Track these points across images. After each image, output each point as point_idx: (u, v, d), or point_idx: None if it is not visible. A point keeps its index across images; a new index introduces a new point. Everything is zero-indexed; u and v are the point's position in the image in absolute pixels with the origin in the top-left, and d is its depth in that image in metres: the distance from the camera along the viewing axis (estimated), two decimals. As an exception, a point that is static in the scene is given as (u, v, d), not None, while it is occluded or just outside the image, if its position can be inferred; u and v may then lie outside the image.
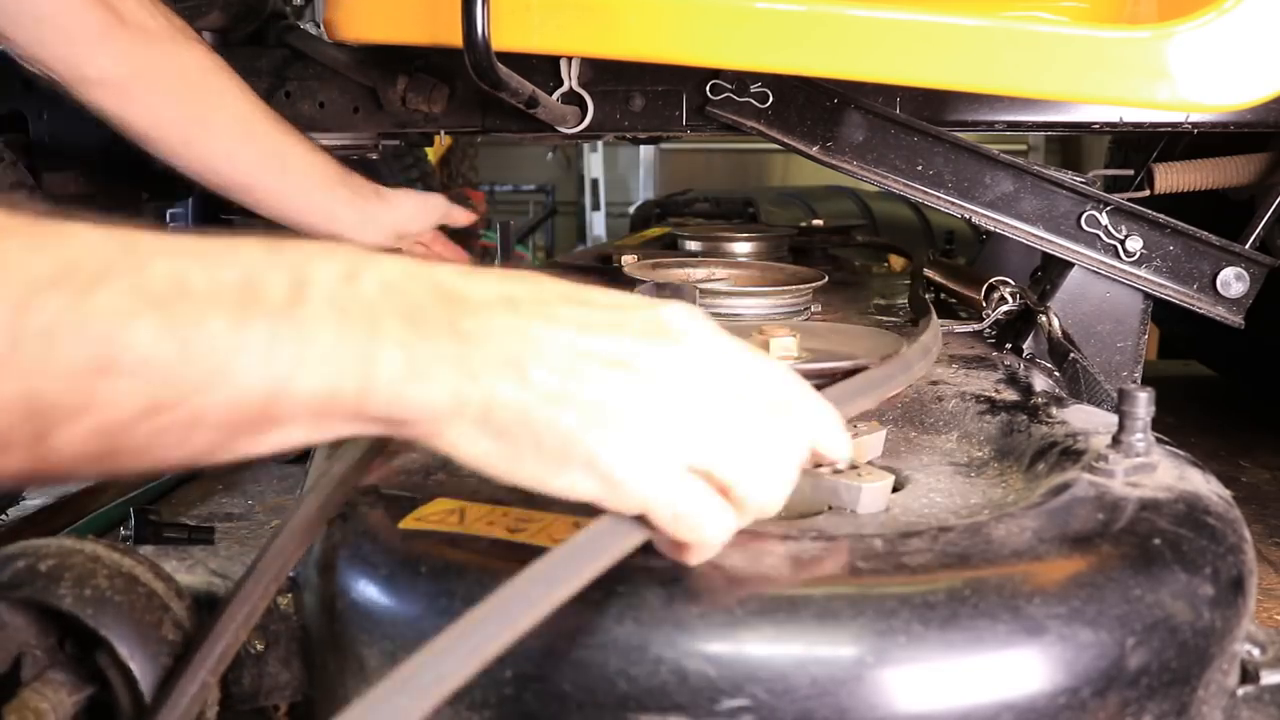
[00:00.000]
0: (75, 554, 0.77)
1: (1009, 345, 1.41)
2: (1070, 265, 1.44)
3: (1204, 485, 0.89)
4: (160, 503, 1.95)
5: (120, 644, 0.74)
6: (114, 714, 0.76)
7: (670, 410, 0.58)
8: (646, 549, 0.68)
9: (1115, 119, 1.49)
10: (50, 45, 1.14)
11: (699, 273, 1.56)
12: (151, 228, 0.52)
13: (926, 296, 1.84)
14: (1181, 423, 2.03)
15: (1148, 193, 1.61)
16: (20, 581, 0.75)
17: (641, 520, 0.62)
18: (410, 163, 2.96)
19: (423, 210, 1.45)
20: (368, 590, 0.77)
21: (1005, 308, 1.45)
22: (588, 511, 0.66)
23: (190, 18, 1.82)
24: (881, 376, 0.91)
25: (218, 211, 2.80)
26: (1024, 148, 4.67)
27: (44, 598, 0.75)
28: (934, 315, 1.26)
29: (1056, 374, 1.34)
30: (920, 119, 1.46)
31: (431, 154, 3.01)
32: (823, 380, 0.98)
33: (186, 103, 1.23)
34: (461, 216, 1.57)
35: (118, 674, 0.75)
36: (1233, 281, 1.44)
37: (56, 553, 0.77)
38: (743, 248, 1.93)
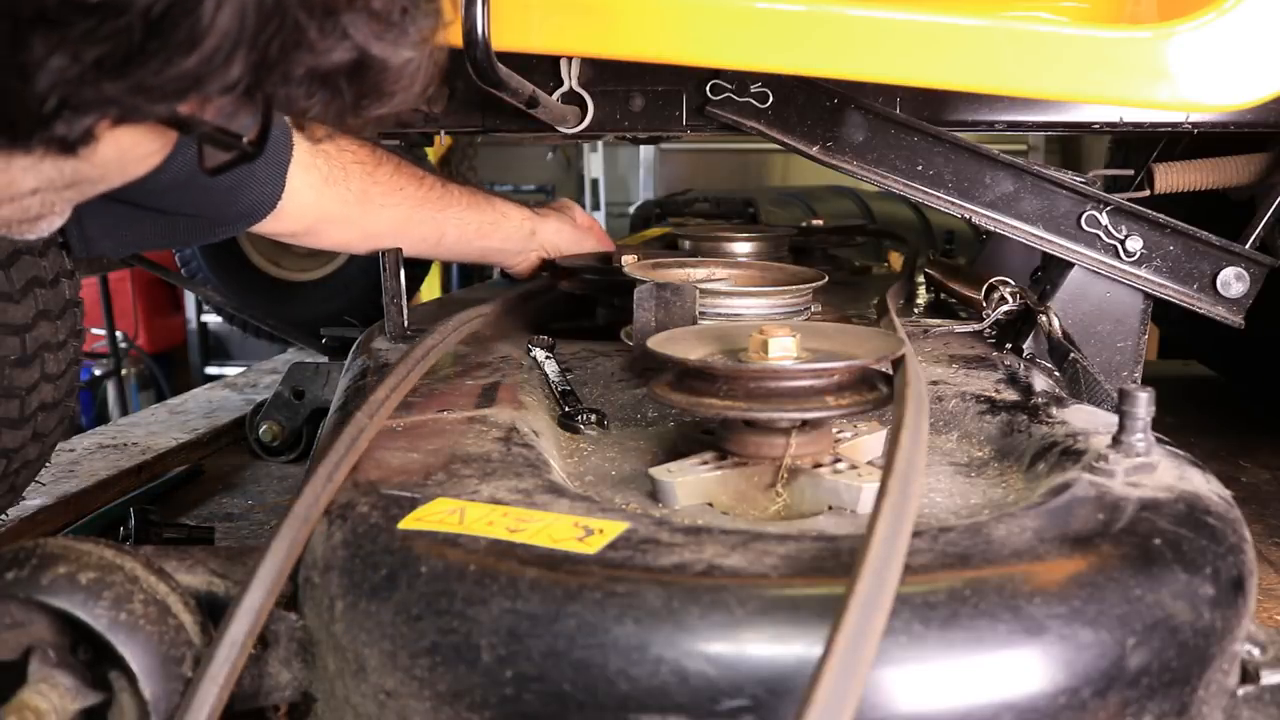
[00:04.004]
0: (115, 571, 0.77)
1: (1009, 345, 1.41)
2: (1070, 265, 1.44)
3: (1204, 485, 0.89)
4: (160, 503, 1.95)
5: (145, 678, 0.74)
6: None
7: None
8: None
9: (1115, 119, 1.49)
10: (275, 226, 1.40)
11: (699, 273, 1.55)
12: None
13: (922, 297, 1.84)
14: (1181, 423, 2.03)
15: (1148, 193, 1.61)
16: (60, 589, 0.75)
17: None
18: (410, 162, 2.96)
19: (568, 243, 1.78)
20: (368, 590, 0.77)
21: (1005, 308, 1.45)
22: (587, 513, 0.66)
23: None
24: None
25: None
26: (1024, 148, 4.66)
27: (81, 614, 0.74)
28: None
29: (1056, 374, 1.34)
30: (920, 119, 1.46)
31: (431, 154, 3.01)
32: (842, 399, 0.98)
33: (363, 238, 1.55)
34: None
35: (132, 700, 0.75)
36: (1233, 281, 1.44)
37: (97, 565, 0.77)
38: (743, 248, 1.93)
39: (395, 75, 0.69)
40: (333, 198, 1.41)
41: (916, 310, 1.77)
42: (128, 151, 0.71)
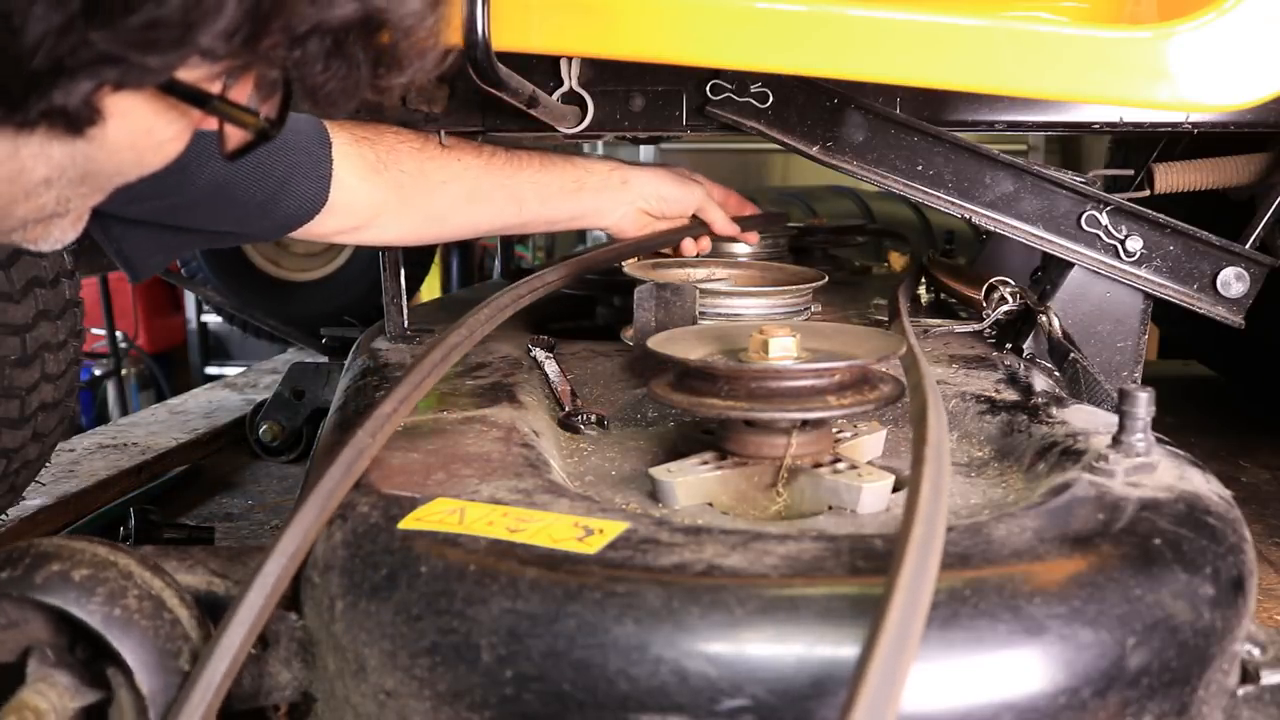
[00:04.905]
0: (109, 568, 0.77)
1: (1009, 345, 1.41)
2: (1070, 265, 1.44)
3: (1204, 485, 0.89)
4: (160, 503, 1.95)
5: (141, 672, 0.74)
6: None
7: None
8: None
9: (1115, 119, 1.48)
10: (328, 224, 1.31)
11: (699, 273, 1.55)
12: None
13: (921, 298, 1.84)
14: (1181, 423, 2.03)
15: (1148, 193, 1.61)
16: (53, 587, 0.75)
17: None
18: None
19: (671, 192, 1.56)
20: (368, 590, 0.77)
21: (1005, 308, 1.45)
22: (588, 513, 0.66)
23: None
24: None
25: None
26: (1024, 148, 4.65)
27: (75, 610, 0.74)
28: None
29: (1056, 374, 1.34)
30: (920, 119, 1.46)
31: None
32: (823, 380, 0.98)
33: (427, 221, 1.42)
34: (717, 218, 1.61)
35: (129, 695, 0.75)
36: (1233, 281, 1.44)
37: (90, 563, 0.77)
38: (743, 248, 1.93)
39: (406, 36, 0.68)
40: (386, 184, 1.32)
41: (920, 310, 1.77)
42: (141, 138, 0.69)
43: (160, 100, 0.67)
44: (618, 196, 1.51)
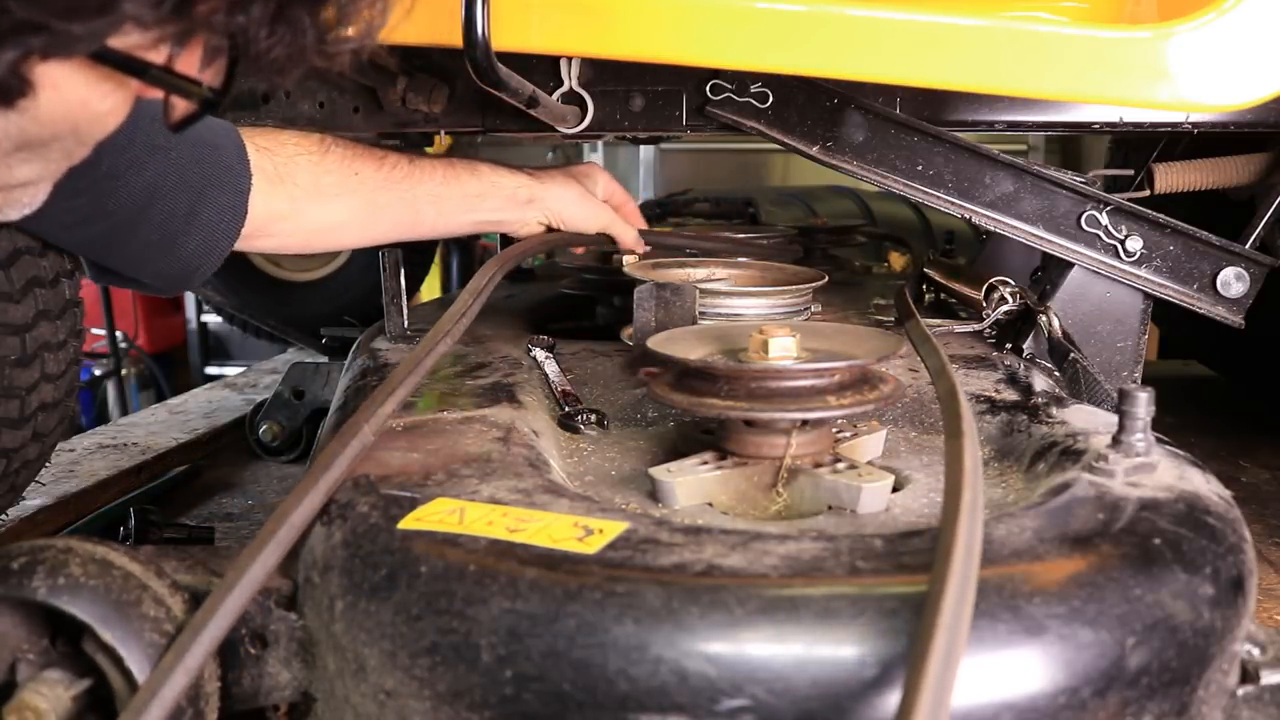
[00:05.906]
0: (46, 549, 0.77)
1: (1009, 345, 1.41)
2: (1070, 265, 1.44)
3: (1204, 485, 0.89)
4: (160, 503, 1.95)
5: (101, 626, 0.74)
6: (113, 700, 0.76)
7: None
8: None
9: (1115, 119, 1.48)
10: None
11: (699, 273, 1.55)
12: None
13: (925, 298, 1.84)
14: (1181, 423, 2.03)
15: (1148, 193, 1.61)
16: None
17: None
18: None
19: (576, 212, 1.59)
20: (368, 590, 0.77)
21: (1005, 308, 1.45)
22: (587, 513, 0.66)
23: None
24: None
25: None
26: (1024, 148, 4.65)
27: (19, 593, 0.75)
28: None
29: (1056, 374, 1.34)
30: (920, 119, 1.46)
31: (431, 154, 3.02)
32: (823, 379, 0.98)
33: (318, 232, 1.42)
34: (626, 236, 1.65)
35: (105, 658, 0.75)
36: (1233, 281, 1.44)
37: (28, 550, 0.77)
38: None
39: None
40: (281, 195, 1.32)
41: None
42: (76, 109, 0.67)
43: (94, 70, 0.65)
44: (521, 212, 1.54)
